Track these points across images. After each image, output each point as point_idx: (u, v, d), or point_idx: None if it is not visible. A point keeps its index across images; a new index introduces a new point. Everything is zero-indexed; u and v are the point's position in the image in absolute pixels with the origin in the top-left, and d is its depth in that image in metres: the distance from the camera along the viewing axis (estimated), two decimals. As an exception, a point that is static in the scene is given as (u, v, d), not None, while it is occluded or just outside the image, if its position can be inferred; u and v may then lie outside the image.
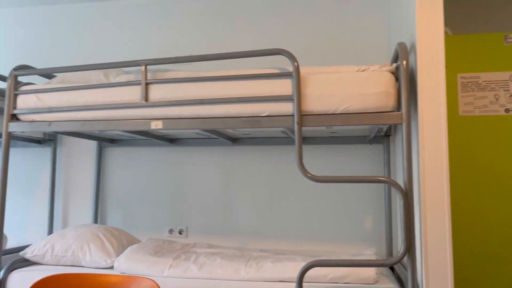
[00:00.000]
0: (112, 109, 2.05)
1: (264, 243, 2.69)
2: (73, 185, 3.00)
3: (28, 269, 2.14)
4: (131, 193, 2.92)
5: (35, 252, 2.21)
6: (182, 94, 1.97)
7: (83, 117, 2.10)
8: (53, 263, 2.21)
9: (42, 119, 2.15)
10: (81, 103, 2.08)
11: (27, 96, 2.16)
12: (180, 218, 2.82)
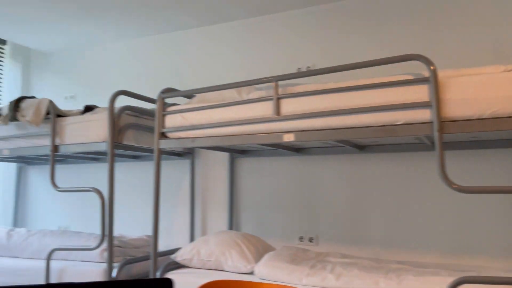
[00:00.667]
0: (246, 124, 2.19)
1: (400, 255, 2.60)
2: (209, 194, 3.25)
3: (180, 272, 2.38)
4: (262, 201, 3.06)
5: (184, 256, 2.45)
6: (312, 106, 2.02)
7: (222, 132, 2.27)
8: (199, 266, 2.43)
9: (186, 136, 2.38)
10: (219, 120, 2.26)
11: (173, 116, 2.41)
12: (310, 226, 2.88)
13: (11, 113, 2.76)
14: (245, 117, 2.19)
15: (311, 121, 2.02)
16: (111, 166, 2.49)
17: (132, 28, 3.48)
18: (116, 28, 3.49)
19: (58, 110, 2.76)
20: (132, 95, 2.70)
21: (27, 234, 2.94)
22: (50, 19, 3.31)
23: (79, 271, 2.51)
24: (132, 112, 2.74)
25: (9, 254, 2.90)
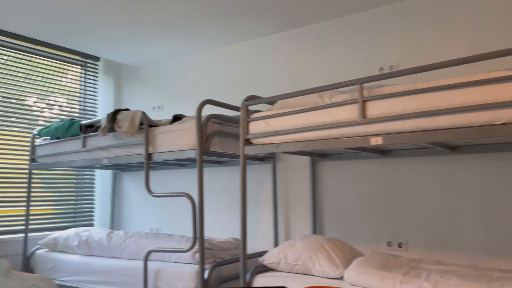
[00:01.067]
0: (331, 128, 2.18)
1: (502, 262, 2.42)
2: (291, 198, 3.27)
3: (268, 275, 2.42)
4: (345, 204, 3.02)
5: (271, 259, 2.49)
6: (401, 108, 1.96)
7: (305, 137, 2.28)
8: (286, 270, 2.46)
9: (270, 141, 2.42)
10: (303, 125, 2.28)
11: (257, 123, 2.47)
12: (398, 230, 2.78)
13: (109, 125, 3.00)
14: (329, 121, 2.18)
15: (400, 123, 1.97)
16: (200, 172, 2.61)
17: (213, 38, 3.62)
18: (198, 40, 3.66)
19: (150, 121, 2.95)
20: (217, 103, 2.81)
21: (125, 236, 3.17)
22: (138, 35, 3.55)
23: (173, 272, 2.66)
24: (217, 120, 2.85)
25: (110, 255, 3.14)
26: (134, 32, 3.49)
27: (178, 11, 3.08)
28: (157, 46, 3.80)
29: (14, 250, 3.51)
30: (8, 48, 3.68)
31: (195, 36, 3.58)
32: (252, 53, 3.63)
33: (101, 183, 4.30)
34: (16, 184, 3.65)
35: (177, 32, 3.49)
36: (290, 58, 3.41)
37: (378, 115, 2.02)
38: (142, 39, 3.64)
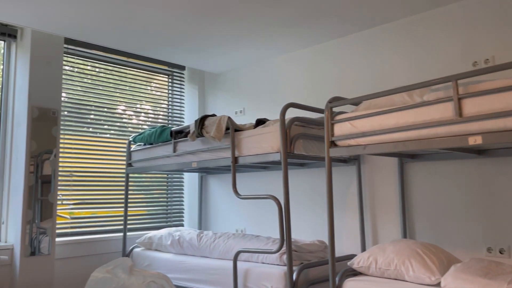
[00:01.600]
0: (423, 128, 2.09)
1: None
2: (378, 200, 3.18)
3: (359, 279, 2.38)
4: (438, 208, 2.87)
5: (361, 263, 2.45)
6: (502, 104, 1.82)
7: (394, 138, 2.21)
8: (377, 275, 2.39)
9: (357, 143, 2.38)
10: (391, 126, 2.21)
11: (342, 124, 2.44)
12: (499, 235, 2.58)
13: (197, 131, 3.15)
14: (421, 120, 2.09)
15: (502, 121, 1.83)
16: (285, 175, 2.64)
17: (293, 40, 3.65)
18: (277, 43, 3.71)
19: (236, 125, 3.05)
20: (300, 106, 2.83)
21: (214, 237, 3.31)
22: (220, 44, 3.68)
23: (261, 273, 2.72)
24: (300, 123, 2.87)
25: (200, 254, 3.30)
26: (216, 41, 3.63)
27: (255, 18, 3.15)
28: (238, 53, 3.92)
29: (115, 248, 3.82)
30: (100, 61, 4.03)
31: (274, 41, 3.63)
32: (333, 54, 3.59)
33: (189, 186, 4.53)
34: (115, 187, 3.98)
35: (257, 38, 3.57)
36: (372, 57, 3.32)
37: (476, 113, 1.90)
38: (224, 47, 3.77)
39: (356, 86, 3.41)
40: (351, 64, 3.46)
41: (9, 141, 3.46)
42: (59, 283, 3.48)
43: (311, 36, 3.54)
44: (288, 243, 2.57)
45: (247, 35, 3.52)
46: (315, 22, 3.25)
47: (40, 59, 3.41)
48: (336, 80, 3.55)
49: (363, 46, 3.40)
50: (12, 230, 3.30)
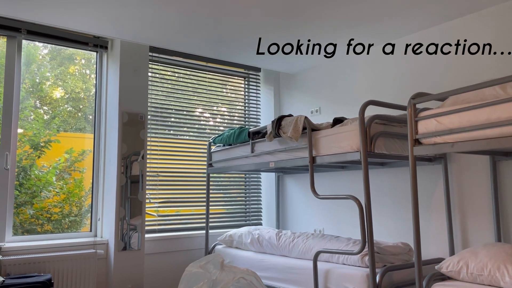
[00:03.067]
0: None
1: None
2: (468, 201, 2.99)
3: (447, 284, 2.26)
4: (537, 210, 2.62)
5: (450, 267, 2.31)
6: None
7: (487, 135, 2.06)
8: (469, 280, 2.25)
9: (443, 141, 2.26)
10: (482, 121, 2.06)
11: (427, 121, 2.33)
12: None
13: (274, 131, 3.19)
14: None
15: None
16: (366, 174, 2.58)
17: (369, 36, 3.55)
18: (353, 40, 3.63)
19: (313, 125, 3.04)
20: (380, 104, 2.75)
21: (292, 236, 3.33)
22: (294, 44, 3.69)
23: (343, 274, 2.68)
24: (381, 121, 2.78)
25: (280, 253, 3.33)
26: (291, 42, 3.64)
27: (330, 17, 3.11)
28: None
29: (198, 244, 4.00)
30: (180, 66, 4.23)
31: (350, 38, 3.56)
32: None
33: (266, 185, 4.60)
34: (196, 187, 4.16)
35: (331, 36, 3.52)
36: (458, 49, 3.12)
37: None
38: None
39: (439, 81, 3.23)
40: (433, 58, 3.28)
41: (102, 144, 3.77)
42: (149, 276, 3.72)
43: (388, 31, 3.41)
44: (370, 244, 2.50)
45: (322, 34, 3.48)
46: (393, 16, 3.13)
47: (128, 68, 3.67)
48: (417, 75, 3.39)
49: (447, 37, 3.20)
50: (107, 227, 3.59)
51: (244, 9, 3.02)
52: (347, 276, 2.64)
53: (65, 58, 3.91)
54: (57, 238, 3.50)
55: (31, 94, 3.65)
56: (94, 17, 3.13)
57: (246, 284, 1.88)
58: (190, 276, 1.94)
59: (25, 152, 3.57)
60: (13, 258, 3.03)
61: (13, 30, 3.36)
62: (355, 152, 2.70)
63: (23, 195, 3.52)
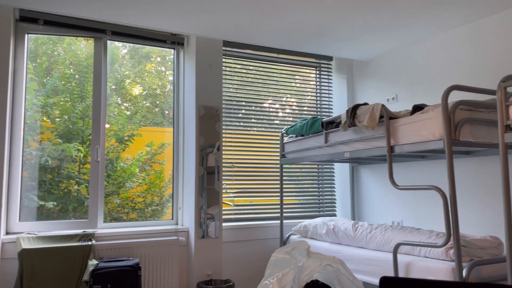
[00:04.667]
0: None
1: None
2: None
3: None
4: None
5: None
6: None
7: None
8: None
9: (541, 126, 2.07)
10: None
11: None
12: None
13: (349, 120, 3.13)
14: None
15: None
16: (450, 163, 2.45)
17: (449, 18, 3.34)
18: (432, 23, 3.44)
19: (390, 113, 2.93)
20: (465, 88, 2.58)
21: (370, 228, 3.25)
22: (368, 30, 3.57)
23: (425, 267, 2.58)
24: (466, 106, 2.61)
25: (356, 245, 3.28)
26: (364, 29, 3.53)
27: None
28: (388, 37, 3.75)
29: (272, 234, 4.06)
30: (252, 59, 4.28)
31: (428, 20, 3.37)
32: (500, 28, 3.18)
33: (340, 176, 4.54)
34: (270, 177, 4.22)
35: (408, 20, 3.36)
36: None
37: None
38: (372, 33, 3.65)
39: (534, 60, 2.96)
40: None
41: (181, 137, 3.95)
42: (226, 263, 3.85)
43: (471, 12, 3.18)
44: (455, 237, 2.38)
45: (398, 19, 3.34)
46: (480, -7, 2.91)
47: (203, 63, 3.79)
48: (506, 56, 3.13)
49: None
50: (187, 215, 3.77)
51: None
52: (431, 269, 2.53)
53: (142, 56, 4.13)
54: (141, 225, 3.74)
55: (115, 91, 3.91)
56: (172, 16, 3.27)
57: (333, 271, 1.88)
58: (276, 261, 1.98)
59: (111, 146, 3.84)
60: (104, 243, 3.29)
61: (99, 31, 3.62)
62: (437, 140, 2.57)
63: (110, 186, 3.79)
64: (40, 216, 3.45)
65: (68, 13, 3.22)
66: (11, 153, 3.32)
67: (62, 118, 3.67)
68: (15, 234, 3.21)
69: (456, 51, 3.52)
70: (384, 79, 4.22)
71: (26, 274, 2.90)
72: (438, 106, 2.67)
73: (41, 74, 3.61)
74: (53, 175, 3.57)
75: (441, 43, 3.65)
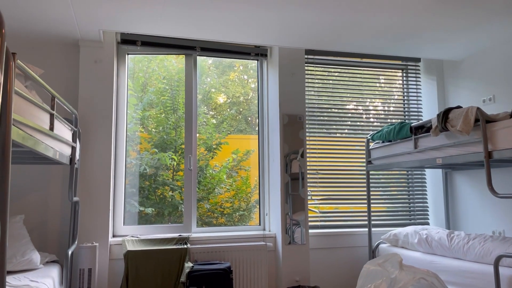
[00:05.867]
0: None
1: None
2: None
3: None
4: None
5: None
6: None
7: None
8: None
9: None
10: None
11: None
12: None
13: (440, 125, 2.99)
14: None
15: None
16: (560, 170, 2.23)
17: (557, 10, 3.04)
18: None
19: (487, 116, 2.75)
20: None
21: (467, 238, 3.07)
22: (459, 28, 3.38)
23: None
24: None
25: (452, 255, 3.11)
26: (455, 26, 3.35)
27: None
28: (482, 34, 3.51)
29: (360, 242, 3.99)
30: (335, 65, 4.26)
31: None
32: None
33: (432, 182, 4.33)
34: (356, 184, 4.15)
35: (503, 17, 3.12)
36: None
37: None
38: (464, 32, 3.45)
39: None
40: None
41: (266, 145, 4.06)
42: (314, 270, 3.87)
43: None
44: None
45: (493, 15, 3.12)
46: None
47: (286, 72, 3.87)
48: None
49: None
50: (274, 221, 3.86)
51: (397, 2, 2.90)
52: (539, 285, 2.33)
53: (226, 66, 4.32)
54: (230, 230, 3.90)
55: (202, 101, 4.14)
56: (256, 29, 3.39)
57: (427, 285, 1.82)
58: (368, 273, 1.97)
59: (201, 154, 4.07)
60: (198, 247, 3.49)
61: (189, 48, 3.87)
62: (544, 144, 2.36)
63: (201, 192, 4.01)
64: (140, 220, 3.77)
65: (162, 34, 3.49)
66: (115, 163, 3.68)
67: (157, 129, 3.97)
68: (120, 237, 3.54)
69: None
70: (479, 79, 3.95)
71: (131, 273, 3.19)
72: (544, 108, 2.45)
73: (138, 89, 3.95)
74: (150, 182, 3.88)
75: (546, 37, 3.33)
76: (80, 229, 3.31)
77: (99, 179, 3.39)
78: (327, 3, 2.95)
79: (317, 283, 3.86)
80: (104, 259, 3.32)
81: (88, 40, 3.49)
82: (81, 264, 3.13)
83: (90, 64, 3.48)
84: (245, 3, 2.94)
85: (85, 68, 3.47)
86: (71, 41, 3.53)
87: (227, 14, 3.11)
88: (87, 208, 3.35)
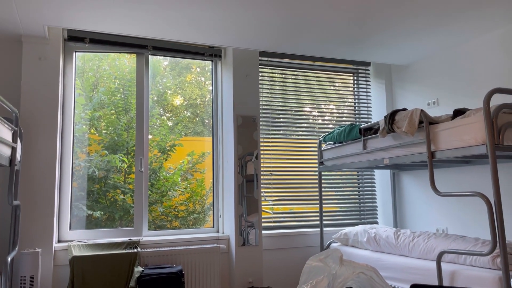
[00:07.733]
0: None
1: None
2: None
3: None
4: None
5: None
6: None
7: None
8: None
9: None
10: None
11: None
12: None
13: (387, 126, 3.09)
14: None
15: None
16: (494, 169, 2.37)
17: (492, 19, 3.23)
18: (473, 25, 3.34)
19: (430, 118, 2.87)
20: (508, 91, 2.50)
21: (412, 236, 3.19)
22: (407, 34, 3.52)
23: (470, 276, 2.50)
24: (509, 110, 2.53)
25: (398, 253, 3.22)
26: (403, 33, 3.48)
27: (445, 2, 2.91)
28: (428, 40, 3.68)
29: (312, 242, 4.05)
30: (288, 68, 4.32)
31: (470, 22, 3.28)
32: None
33: (380, 183, 4.46)
34: (308, 185, 4.22)
35: (448, 23, 3.28)
36: None
37: None
38: (411, 37, 3.59)
39: None
40: None
41: (220, 146, 4.04)
42: (267, 271, 3.88)
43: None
44: (502, 245, 2.29)
45: (438, 22, 3.27)
46: (522, -8, 2.81)
47: (240, 73, 3.87)
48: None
49: None
50: (227, 223, 3.84)
51: (348, 4, 2.98)
52: (476, 278, 2.45)
53: (182, 68, 4.27)
54: (184, 233, 3.84)
55: (157, 103, 4.06)
56: (210, 29, 3.37)
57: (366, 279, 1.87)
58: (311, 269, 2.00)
59: (154, 156, 3.99)
60: (149, 251, 3.41)
61: (141, 47, 3.79)
62: (480, 145, 2.49)
63: (154, 195, 3.93)
64: (89, 224, 3.63)
65: (111, 31, 3.39)
66: (61, 165, 3.52)
67: (108, 130, 3.85)
68: (66, 242, 3.40)
69: (498, 53, 3.40)
70: (425, 83, 4.13)
71: (77, 280, 3.06)
72: (480, 110, 2.60)
73: (88, 89, 3.82)
74: (100, 185, 3.75)
75: (483, 45, 3.53)
76: (21, 235, 3.14)
77: (42, 182, 3.24)
78: (277, 3, 2.97)
79: (270, 283, 3.87)
80: (48, 266, 3.17)
81: (31, 36, 3.34)
82: (22, 271, 2.97)
83: (33, 61, 3.33)
84: (195, 3, 2.92)
85: (28, 65, 3.31)
86: (14, 36, 3.35)
87: (178, 13, 3.07)
88: (29, 212, 3.18)
